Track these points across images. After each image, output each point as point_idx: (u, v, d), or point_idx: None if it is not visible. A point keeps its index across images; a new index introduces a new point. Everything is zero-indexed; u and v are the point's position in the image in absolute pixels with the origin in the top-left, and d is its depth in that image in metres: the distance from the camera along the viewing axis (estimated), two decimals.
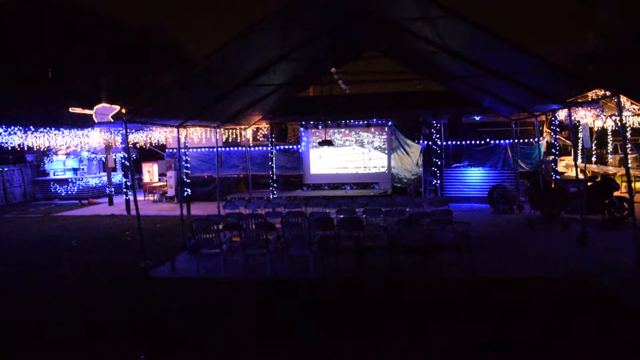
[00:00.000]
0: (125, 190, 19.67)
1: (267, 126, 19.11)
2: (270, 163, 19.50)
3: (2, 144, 18.74)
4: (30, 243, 13.55)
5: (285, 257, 9.76)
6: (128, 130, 18.23)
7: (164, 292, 8.88)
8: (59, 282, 9.62)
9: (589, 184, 13.66)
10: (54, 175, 24.84)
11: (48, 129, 17.81)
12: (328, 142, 16.36)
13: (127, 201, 18.94)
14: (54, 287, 9.26)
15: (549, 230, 12.86)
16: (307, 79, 15.40)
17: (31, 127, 16.49)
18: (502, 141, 19.44)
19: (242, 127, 18.32)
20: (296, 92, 17.04)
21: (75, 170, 25.02)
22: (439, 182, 17.91)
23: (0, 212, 20.67)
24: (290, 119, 18.90)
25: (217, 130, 16.59)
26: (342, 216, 11.17)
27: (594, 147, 22.14)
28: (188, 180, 19.31)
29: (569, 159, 22.74)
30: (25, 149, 20.02)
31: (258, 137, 20.81)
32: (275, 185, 19.51)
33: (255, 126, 18.94)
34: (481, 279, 8.71)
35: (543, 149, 19.07)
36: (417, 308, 7.47)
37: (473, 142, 19.71)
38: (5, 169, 23.23)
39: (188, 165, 19.55)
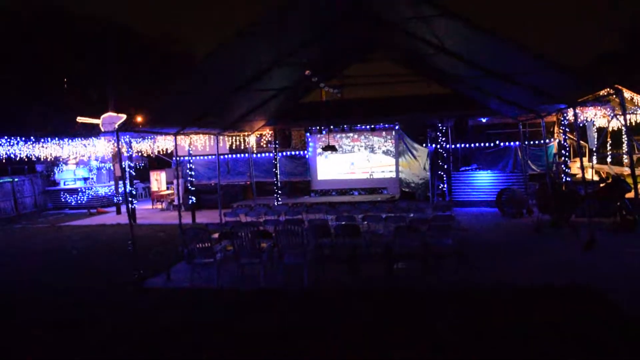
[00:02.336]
0: (130, 199, 19.60)
1: (270, 132, 18.93)
2: (274, 170, 19.31)
3: (11, 155, 18.88)
4: (30, 253, 13.53)
5: (279, 267, 9.52)
6: (132, 139, 18.33)
7: (153, 303, 8.71)
8: (48, 291, 9.53)
9: (601, 185, 13.23)
10: (64, 184, 24.97)
11: (51, 139, 17.82)
12: (331, 148, 16.13)
13: (133, 210, 18.89)
14: (41, 297, 9.17)
15: (557, 235, 12.43)
16: (308, 84, 15.14)
17: (32, 137, 16.47)
18: (512, 143, 19.03)
19: (246, 133, 18.14)
20: (298, 98, 16.81)
21: (85, 179, 25.12)
22: (446, 186, 17.53)
23: (10, 222, 20.79)
24: (293, 125, 18.72)
25: (221, 137, 16.47)
26: (341, 223, 10.93)
27: (608, 148, 21.57)
28: (192, 188, 19.19)
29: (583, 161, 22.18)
30: (33, 159, 20.16)
31: (262, 144, 20.62)
32: (280, 192, 19.31)
33: (259, 132, 18.77)
34: (476, 287, 8.38)
35: (554, 150, 18.63)
36: (405, 318, 7.17)
37: (482, 144, 19.34)
38: (16, 180, 23.37)
39: (192, 173, 19.42)
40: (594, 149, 19.89)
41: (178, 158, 21.51)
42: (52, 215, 22.74)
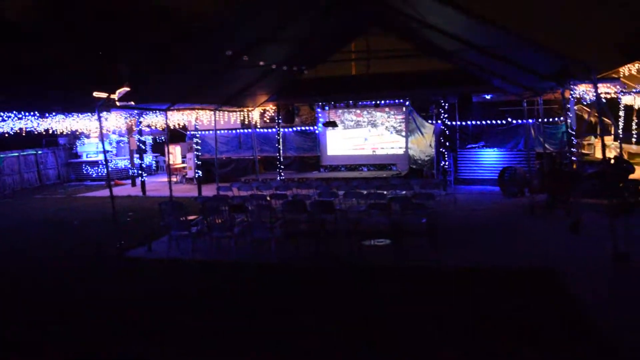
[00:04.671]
0: (141, 172, 20.09)
1: (274, 108, 18.94)
2: (277, 145, 19.36)
3: (31, 130, 19.59)
4: (36, 223, 14.15)
5: (249, 240, 9.67)
6: (130, 114, 18.67)
7: (125, 272, 9.09)
8: (35, 259, 10.11)
9: (611, 162, 12.79)
10: (87, 157, 25.70)
11: (62, 113, 18.34)
12: (331, 124, 16.11)
13: (143, 183, 19.39)
14: (27, 264, 9.78)
15: (550, 216, 12.11)
16: (306, 59, 15.02)
17: (36, 112, 17.00)
18: (525, 121, 18.49)
19: (249, 108, 18.20)
20: (299, 73, 16.61)
21: (106, 152, 25.74)
22: (447, 163, 17.14)
23: (33, 192, 21.66)
24: (297, 101, 18.59)
25: (232, 113, 16.58)
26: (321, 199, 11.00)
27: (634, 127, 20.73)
28: (199, 162, 19.51)
29: (608, 140, 21.34)
30: (51, 132, 20.83)
31: (265, 119, 20.64)
32: (283, 167, 19.40)
33: (262, 108, 18.78)
34: (435, 268, 8.34)
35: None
36: (360, 295, 7.24)
37: (494, 122, 18.88)
38: (39, 152, 24.20)
39: (199, 147, 19.73)
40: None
41: (193, 133, 21.87)
42: (72, 186, 23.48)
